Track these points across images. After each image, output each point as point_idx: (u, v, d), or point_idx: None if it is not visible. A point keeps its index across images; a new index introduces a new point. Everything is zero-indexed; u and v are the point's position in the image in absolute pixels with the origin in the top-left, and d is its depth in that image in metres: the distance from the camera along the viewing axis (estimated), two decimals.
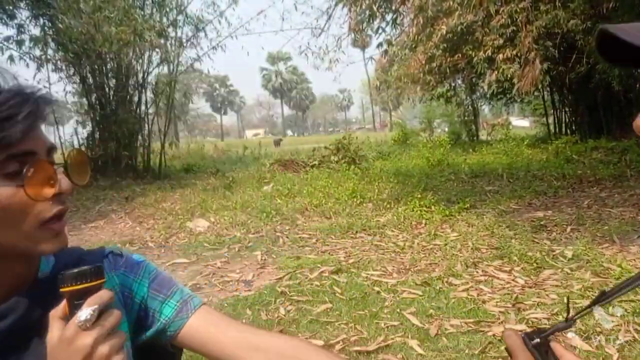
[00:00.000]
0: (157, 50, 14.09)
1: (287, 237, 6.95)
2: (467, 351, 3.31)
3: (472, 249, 5.68)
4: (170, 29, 14.28)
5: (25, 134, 0.69)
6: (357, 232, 6.95)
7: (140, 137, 14.63)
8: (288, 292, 4.66)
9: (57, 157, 0.80)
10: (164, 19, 14.27)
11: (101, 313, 0.66)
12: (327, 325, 3.95)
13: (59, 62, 13.69)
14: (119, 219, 9.00)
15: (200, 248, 6.63)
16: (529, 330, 0.80)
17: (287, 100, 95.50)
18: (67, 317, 0.65)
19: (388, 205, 8.29)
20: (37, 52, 13.23)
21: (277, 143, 37.85)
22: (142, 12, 13.82)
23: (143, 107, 14.84)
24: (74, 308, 0.65)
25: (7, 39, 12.91)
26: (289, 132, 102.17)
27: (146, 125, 14.93)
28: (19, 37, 12.83)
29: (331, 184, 10.29)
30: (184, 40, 14.71)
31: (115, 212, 9.46)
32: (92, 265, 0.67)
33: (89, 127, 14.78)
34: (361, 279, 4.92)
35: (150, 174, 14.14)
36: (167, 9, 14.31)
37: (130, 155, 14.19)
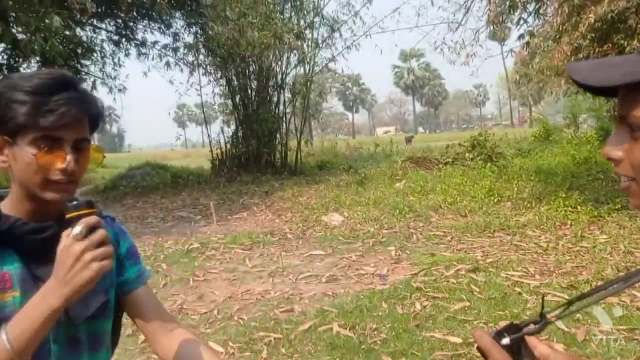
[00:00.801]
0: (294, 52, 14.69)
1: (420, 234, 6.93)
2: (618, 359, 3.10)
3: (624, 252, 5.26)
4: (307, 31, 14.79)
5: (53, 124, 1.00)
6: (494, 231, 6.75)
7: (278, 135, 15.35)
8: (424, 288, 4.68)
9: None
10: (302, 22, 14.82)
11: (91, 232, 0.93)
12: (465, 323, 3.91)
13: (208, 66, 14.87)
14: (260, 211, 9.56)
15: (335, 241, 6.85)
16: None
17: (419, 97, 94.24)
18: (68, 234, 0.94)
19: (529, 205, 7.92)
20: (190, 58, 14.49)
21: (409, 140, 37.53)
22: (282, 16, 14.49)
23: (281, 107, 15.56)
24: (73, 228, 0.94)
25: (165, 46, 14.28)
26: (421, 130, 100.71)
27: (284, 124, 15.62)
28: (174, 45, 14.14)
29: (466, 181, 10.04)
30: (319, 41, 15.16)
31: (257, 205, 10.06)
32: (85, 201, 0.98)
33: (233, 126, 15.84)
34: (500, 279, 4.79)
35: (287, 170, 14.78)
36: (305, 12, 14.84)
37: (270, 152, 14.94)
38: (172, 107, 27.83)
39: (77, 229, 0.92)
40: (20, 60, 13.31)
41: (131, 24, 14.01)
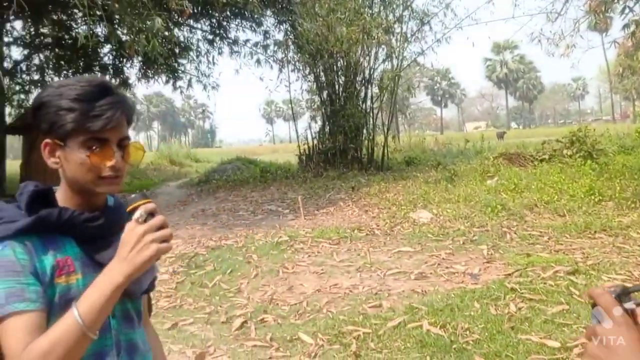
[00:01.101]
0: (383, 46, 14.59)
1: (515, 233, 6.66)
2: None
3: None
4: (396, 25, 14.63)
5: (102, 128, 1.12)
6: (595, 232, 6.35)
7: (365, 131, 15.31)
8: (518, 289, 4.49)
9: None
10: (391, 16, 14.68)
11: (149, 216, 1.05)
12: (564, 327, 3.71)
13: (297, 63, 15.11)
14: (346, 206, 9.60)
15: (424, 238, 6.74)
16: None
17: (512, 91, 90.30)
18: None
19: (632, 205, 7.39)
20: (280, 55, 14.80)
21: (501, 136, 36.18)
22: (371, 11, 14.42)
23: (368, 102, 15.51)
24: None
25: (256, 44, 14.69)
26: (513, 125, 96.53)
27: (371, 120, 15.57)
28: (265, 42, 14.51)
29: (564, 179, 9.50)
30: (408, 35, 14.94)
31: (343, 201, 10.10)
32: (140, 193, 1.10)
33: (320, 122, 16.00)
34: (602, 283, 4.50)
35: (374, 166, 14.73)
36: (394, 6, 14.68)
37: (356, 147, 14.96)
38: (261, 103, 28.58)
39: (138, 213, 1.05)
40: (124, 60, 14.23)
41: (225, 23, 14.54)
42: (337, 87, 15.22)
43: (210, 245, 7.12)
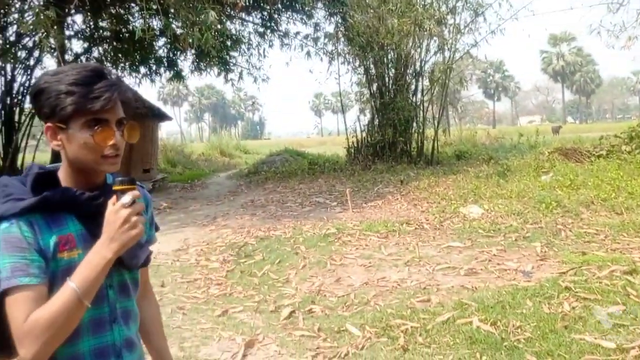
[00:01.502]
0: (435, 38, 14.34)
1: (570, 231, 6.46)
2: None
3: None
4: (448, 16, 14.36)
5: (101, 108, 1.20)
6: None
7: (414, 124, 15.13)
8: (573, 288, 4.35)
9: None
10: (443, 7, 14.41)
11: (134, 202, 1.16)
12: (619, 328, 3.59)
13: (347, 55, 15.05)
14: (395, 200, 9.53)
15: (475, 234, 6.62)
16: None
17: (568, 85, 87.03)
18: (115, 202, 1.17)
19: None
20: (330, 48, 14.77)
21: (556, 130, 35.08)
22: (423, 2, 14.19)
23: (419, 95, 15.32)
24: (119, 198, 1.17)
25: (306, 36, 14.71)
26: (569, 119, 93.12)
27: (421, 113, 15.37)
28: (315, 35, 14.51)
29: (622, 176, 9.12)
30: (461, 27, 14.63)
31: (392, 194, 10.04)
32: (128, 177, 1.19)
33: (369, 115, 15.92)
34: None
35: (423, 160, 14.55)
36: None
37: (406, 141, 14.82)
38: (310, 96, 28.71)
39: (127, 198, 1.16)
40: (178, 53, 14.54)
41: (276, 16, 14.59)
42: (387, 79, 15.10)
43: (259, 236, 7.23)
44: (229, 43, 14.06)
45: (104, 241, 1.15)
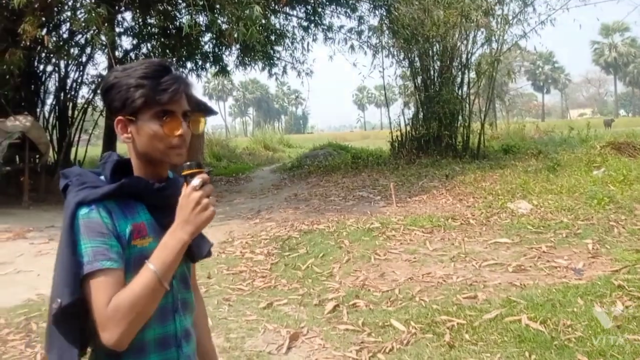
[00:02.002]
0: (482, 30, 14.02)
1: (623, 228, 6.22)
2: None
3: None
4: (496, 7, 13.99)
5: (170, 100, 1.25)
6: None
7: (460, 117, 14.85)
8: (626, 287, 4.20)
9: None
10: None
11: (203, 185, 1.18)
12: None
13: (391, 48, 14.90)
14: (439, 195, 9.40)
15: (523, 230, 6.46)
16: None
17: (621, 76, 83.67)
18: (186, 187, 1.19)
19: None
20: (374, 41, 14.67)
21: (608, 124, 33.83)
22: None
23: (465, 88, 15.02)
24: (188, 182, 1.19)
25: (350, 30, 14.65)
26: (622, 112, 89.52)
27: (467, 106, 15.06)
28: (359, 28, 14.43)
29: None
30: (510, 18, 14.23)
31: (436, 189, 9.90)
32: (195, 162, 1.21)
33: (413, 108, 15.73)
34: None
35: (469, 154, 14.26)
36: None
37: (451, 134, 14.54)
38: (353, 89, 28.66)
39: (196, 181, 1.18)
40: (223, 48, 14.73)
41: (319, 9, 14.60)
42: (432, 72, 14.86)
43: (303, 229, 7.26)
44: (273, 37, 14.17)
45: (178, 224, 1.19)
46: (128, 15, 14.45)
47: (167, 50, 14.29)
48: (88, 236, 1.17)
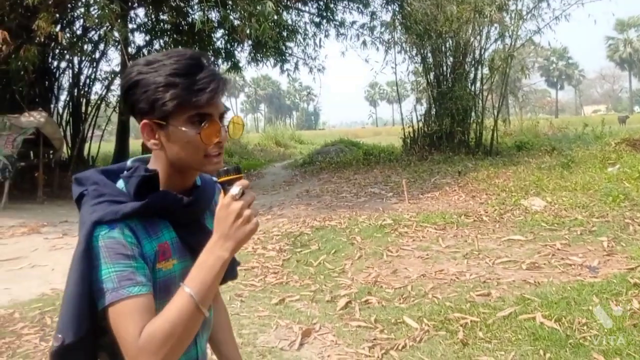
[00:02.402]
0: (495, 25, 13.91)
1: (638, 225, 6.16)
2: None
3: None
4: (510, 2, 13.87)
5: (208, 102, 1.07)
6: None
7: (473, 114, 14.76)
8: None
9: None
10: None
11: (243, 192, 1.02)
12: None
13: (404, 44, 14.84)
14: (452, 191, 9.35)
15: (537, 227, 6.40)
16: None
17: (636, 73, 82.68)
18: (224, 196, 1.03)
19: None
20: (386, 37, 14.60)
21: (623, 120, 33.45)
22: None
23: (478, 84, 14.91)
24: (226, 191, 1.03)
25: (362, 26, 14.60)
26: (637, 109, 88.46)
27: (480, 102, 14.96)
28: (371, 24, 14.38)
29: None
30: (524, 13, 14.10)
31: (449, 185, 9.85)
32: (234, 166, 1.06)
33: (425, 104, 15.65)
34: None
35: (482, 150, 14.19)
36: None
37: (464, 131, 14.48)
38: (365, 85, 28.61)
39: (236, 189, 1.02)
40: (236, 44, 14.75)
41: (332, 5, 14.57)
42: (444, 68, 14.79)
43: (315, 225, 7.25)
44: (285, 33, 14.16)
45: (217, 240, 1.02)
46: (141, 11, 14.54)
47: (180, 47, 14.31)
48: (110, 259, 1.02)
